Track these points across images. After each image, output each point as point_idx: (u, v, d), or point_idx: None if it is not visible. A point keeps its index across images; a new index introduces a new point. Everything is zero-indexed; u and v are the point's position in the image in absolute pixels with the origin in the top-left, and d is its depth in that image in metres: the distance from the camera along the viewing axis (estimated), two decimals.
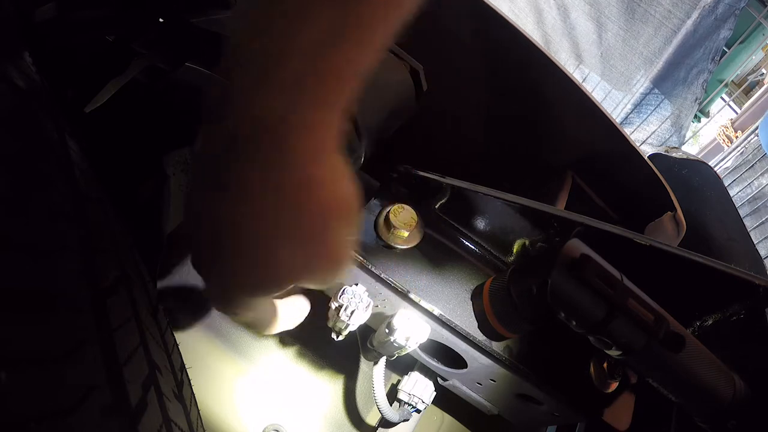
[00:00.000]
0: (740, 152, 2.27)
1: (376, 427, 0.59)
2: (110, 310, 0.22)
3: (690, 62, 1.95)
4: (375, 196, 0.49)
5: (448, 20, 0.58)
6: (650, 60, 2.03)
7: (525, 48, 0.56)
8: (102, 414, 0.18)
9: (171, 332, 0.33)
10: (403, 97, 0.41)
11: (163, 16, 0.37)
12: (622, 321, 0.34)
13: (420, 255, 0.47)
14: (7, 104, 0.23)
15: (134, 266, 0.29)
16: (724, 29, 1.83)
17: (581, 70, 2.17)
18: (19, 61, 0.27)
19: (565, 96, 0.58)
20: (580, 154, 0.63)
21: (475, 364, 0.47)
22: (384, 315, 0.47)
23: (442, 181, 0.47)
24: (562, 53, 2.10)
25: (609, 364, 0.48)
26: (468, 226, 0.50)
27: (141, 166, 0.48)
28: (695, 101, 2.01)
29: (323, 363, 0.62)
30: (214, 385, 0.56)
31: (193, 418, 0.29)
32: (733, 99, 2.68)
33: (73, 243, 0.21)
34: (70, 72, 0.39)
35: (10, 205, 0.18)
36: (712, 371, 0.35)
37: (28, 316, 0.16)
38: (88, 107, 0.37)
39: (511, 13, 2.02)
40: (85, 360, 0.18)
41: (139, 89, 0.40)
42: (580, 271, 0.34)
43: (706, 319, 0.43)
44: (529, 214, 0.45)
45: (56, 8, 0.33)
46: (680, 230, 0.58)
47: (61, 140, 0.26)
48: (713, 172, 0.90)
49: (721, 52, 1.94)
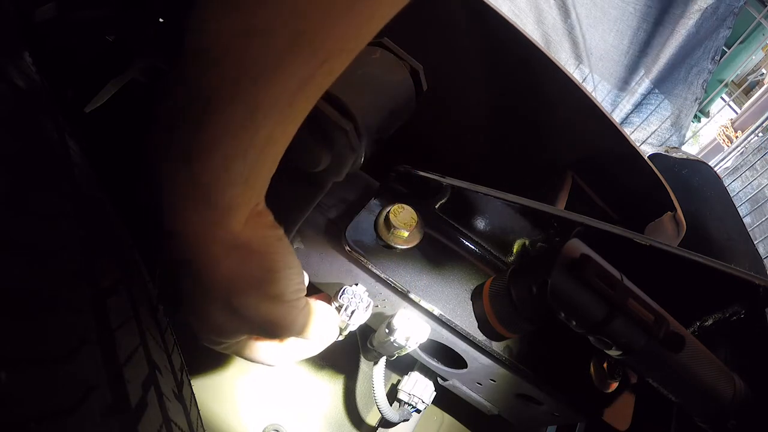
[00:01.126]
0: (740, 152, 2.27)
1: (376, 427, 0.59)
2: (110, 310, 0.22)
3: (690, 62, 1.95)
4: (375, 196, 0.49)
5: (448, 20, 0.58)
6: (650, 60, 2.03)
7: (525, 48, 0.56)
8: (102, 414, 0.18)
9: (171, 332, 0.33)
10: (403, 97, 0.41)
11: (163, 16, 0.37)
12: (622, 321, 0.34)
13: (420, 255, 0.47)
14: (7, 104, 0.23)
15: (134, 266, 0.29)
16: (723, 28, 1.83)
17: (581, 70, 2.17)
18: (19, 61, 0.27)
19: (565, 96, 0.58)
20: (580, 154, 0.63)
21: (475, 364, 0.47)
22: (384, 315, 0.47)
23: (442, 181, 0.47)
24: (562, 53, 2.10)
25: (609, 364, 0.48)
26: (468, 226, 0.50)
27: (141, 166, 0.48)
28: (695, 101, 2.01)
29: (323, 363, 0.62)
30: (214, 385, 0.56)
31: (193, 418, 0.29)
32: (733, 99, 2.69)
33: (73, 243, 0.21)
34: (70, 72, 0.39)
35: (10, 205, 0.18)
36: (712, 371, 0.35)
37: (28, 316, 0.16)
38: (88, 107, 0.37)
39: (511, 13, 2.02)
40: (85, 360, 0.18)
41: (139, 89, 0.40)
42: (580, 271, 0.34)
43: (706, 319, 0.43)
44: (529, 214, 0.45)
45: (56, 8, 0.33)
46: (680, 230, 0.58)
47: (61, 140, 0.26)
48: (713, 172, 0.90)
49: (721, 52, 1.94)
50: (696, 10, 1.83)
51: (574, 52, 2.11)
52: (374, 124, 0.36)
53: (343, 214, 0.48)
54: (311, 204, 0.38)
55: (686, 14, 1.86)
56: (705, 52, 1.89)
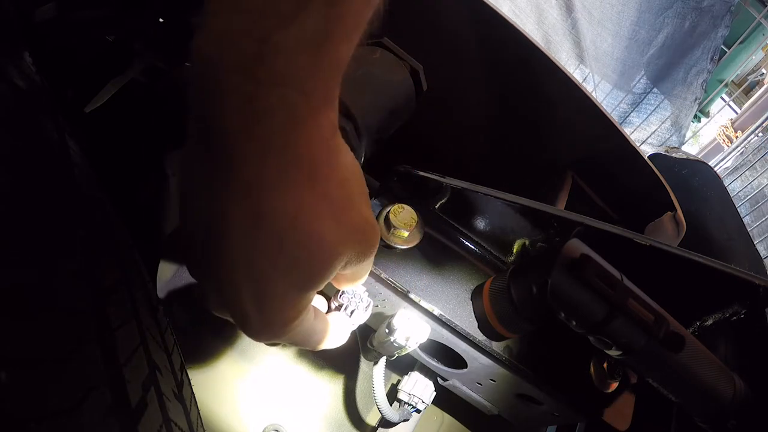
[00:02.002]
0: (740, 152, 2.27)
1: (376, 427, 0.59)
2: (110, 310, 0.22)
3: (689, 62, 1.95)
4: (375, 196, 0.49)
5: (448, 20, 0.58)
6: (650, 60, 2.03)
7: (525, 48, 0.56)
8: (102, 414, 0.18)
9: (171, 332, 0.33)
10: (403, 97, 0.41)
11: (163, 16, 0.37)
12: (622, 321, 0.34)
13: (420, 255, 0.47)
14: (7, 104, 0.23)
15: (134, 266, 0.29)
16: (721, 27, 1.83)
17: (581, 70, 2.17)
18: (19, 61, 0.27)
19: (565, 96, 0.58)
20: (580, 154, 0.63)
21: (475, 364, 0.47)
22: (384, 315, 0.47)
23: (442, 181, 0.47)
24: (562, 53, 2.10)
25: (609, 364, 0.48)
26: (468, 226, 0.50)
27: (141, 166, 0.48)
28: (695, 101, 2.01)
29: (323, 363, 0.62)
30: (215, 385, 0.56)
31: (193, 418, 0.29)
32: (733, 99, 2.69)
33: (73, 243, 0.21)
34: (70, 72, 0.39)
35: (10, 205, 0.18)
36: (712, 371, 0.35)
37: (28, 316, 0.16)
38: (88, 107, 0.37)
39: (512, 13, 2.02)
40: (85, 360, 0.18)
41: (139, 89, 0.40)
42: (580, 271, 0.34)
43: (706, 319, 0.43)
44: (529, 214, 0.45)
45: (56, 8, 0.33)
46: (680, 230, 0.58)
47: (61, 140, 0.26)
48: (713, 172, 0.90)
49: (721, 52, 1.94)
50: (692, 8, 1.84)
51: (574, 52, 2.11)
52: (374, 124, 0.36)
53: None
54: None
55: (683, 13, 1.86)
56: (704, 51, 1.90)
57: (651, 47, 2.00)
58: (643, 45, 2.01)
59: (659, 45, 1.98)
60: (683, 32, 1.90)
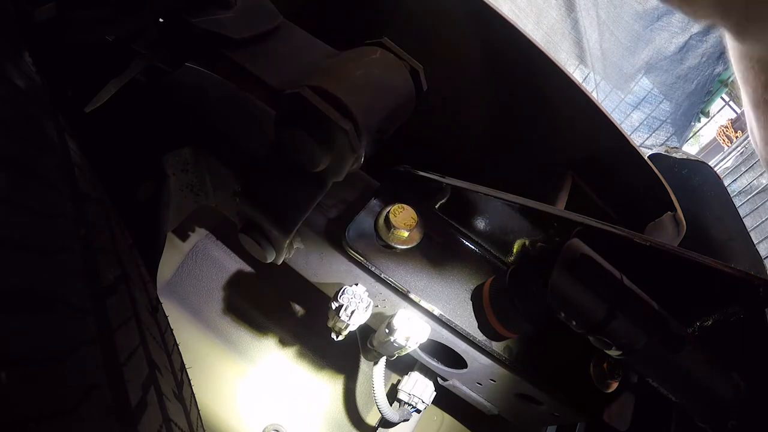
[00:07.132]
0: (740, 152, 2.27)
1: (376, 427, 0.59)
2: (110, 310, 0.22)
3: (690, 62, 1.95)
4: (375, 196, 0.49)
5: (448, 21, 0.58)
6: (650, 60, 2.03)
7: (525, 48, 0.56)
8: (102, 414, 0.18)
9: (171, 332, 0.33)
10: (403, 97, 0.41)
11: (163, 16, 0.37)
12: (622, 321, 0.34)
13: (420, 255, 0.47)
14: (7, 104, 0.23)
15: (134, 266, 0.29)
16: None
17: (581, 70, 2.17)
18: (19, 61, 0.27)
19: (565, 96, 0.58)
20: (580, 154, 0.63)
21: (475, 364, 0.47)
22: (384, 315, 0.47)
23: (442, 181, 0.47)
24: (562, 53, 2.10)
25: (609, 364, 0.48)
26: (468, 226, 0.50)
27: (141, 166, 0.48)
28: (695, 101, 2.01)
29: (323, 363, 0.62)
30: (215, 385, 0.56)
31: (193, 418, 0.29)
32: (733, 99, 2.68)
33: (73, 243, 0.21)
34: (70, 72, 0.38)
35: (11, 205, 0.18)
36: (712, 371, 0.35)
37: (28, 316, 0.16)
38: (88, 107, 0.37)
39: (512, 13, 2.02)
40: (85, 360, 0.18)
41: (139, 89, 0.40)
42: (580, 271, 0.34)
43: (706, 319, 0.43)
44: (529, 214, 0.45)
45: (56, 8, 0.33)
46: (680, 230, 0.58)
47: (61, 140, 0.26)
48: (713, 172, 0.90)
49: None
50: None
51: (574, 52, 2.11)
52: (374, 124, 0.36)
53: (343, 214, 0.48)
54: (311, 204, 0.38)
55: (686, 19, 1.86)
56: (704, 51, 1.90)
57: (651, 47, 2.00)
58: (643, 45, 2.01)
59: (660, 45, 1.98)
60: (686, 33, 1.90)
